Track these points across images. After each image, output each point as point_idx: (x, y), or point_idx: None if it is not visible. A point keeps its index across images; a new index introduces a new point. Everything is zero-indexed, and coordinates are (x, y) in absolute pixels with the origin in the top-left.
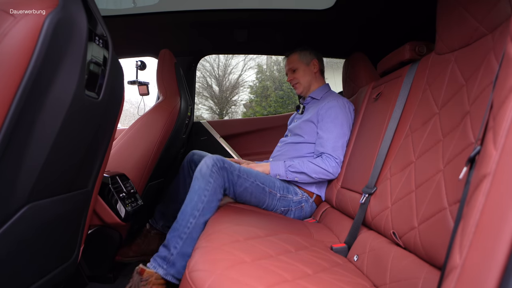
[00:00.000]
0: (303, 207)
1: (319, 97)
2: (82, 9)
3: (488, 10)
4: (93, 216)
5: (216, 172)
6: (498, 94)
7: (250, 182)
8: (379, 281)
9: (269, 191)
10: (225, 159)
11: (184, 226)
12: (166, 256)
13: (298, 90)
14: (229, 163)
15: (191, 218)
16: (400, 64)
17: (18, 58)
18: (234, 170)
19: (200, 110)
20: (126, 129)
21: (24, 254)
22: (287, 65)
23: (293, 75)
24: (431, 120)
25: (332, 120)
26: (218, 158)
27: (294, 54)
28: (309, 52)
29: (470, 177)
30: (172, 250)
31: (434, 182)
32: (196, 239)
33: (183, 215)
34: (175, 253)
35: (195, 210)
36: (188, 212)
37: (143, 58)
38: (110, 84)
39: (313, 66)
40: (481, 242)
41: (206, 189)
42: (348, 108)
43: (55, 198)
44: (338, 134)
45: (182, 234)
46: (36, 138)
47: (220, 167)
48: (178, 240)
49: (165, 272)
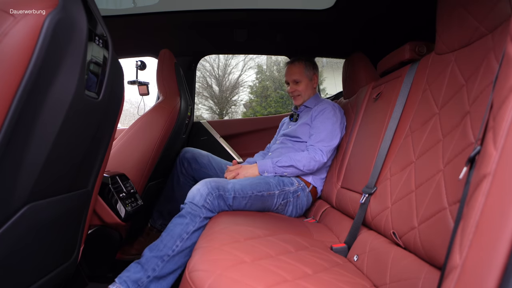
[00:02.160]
0: (299, 196)
1: (312, 106)
2: (82, 9)
3: (488, 10)
4: (93, 216)
5: (211, 202)
6: (498, 94)
7: (247, 198)
8: (379, 281)
9: (268, 194)
10: (219, 185)
11: (169, 248)
12: (141, 279)
13: (298, 102)
14: (222, 188)
15: (178, 241)
16: (400, 64)
17: (18, 58)
18: (229, 195)
19: (200, 110)
20: (126, 129)
21: (24, 254)
22: (291, 74)
23: (296, 87)
24: (431, 120)
25: (322, 120)
26: (213, 187)
27: (300, 64)
28: (312, 65)
29: (470, 177)
30: (149, 272)
31: (434, 182)
32: (178, 263)
33: (170, 237)
34: (152, 276)
35: (184, 233)
36: (176, 234)
37: (143, 58)
38: (110, 84)
39: (314, 81)
40: (481, 242)
41: (195, 221)
42: (338, 110)
43: (55, 198)
44: (328, 132)
45: (165, 256)
46: (36, 138)
47: (215, 196)
48: (158, 262)
49: None
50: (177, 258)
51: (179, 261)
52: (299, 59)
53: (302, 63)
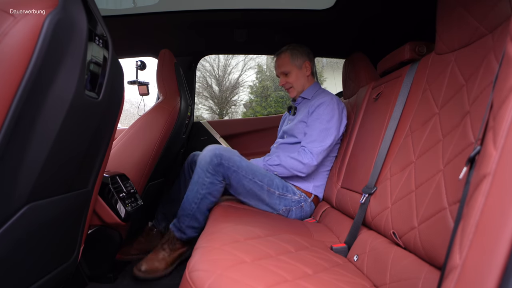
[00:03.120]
0: (303, 207)
1: (309, 97)
2: (82, 9)
3: (488, 10)
4: (93, 216)
5: (213, 168)
6: (498, 94)
7: (248, 180)
8: (379, 281)
9: (268, 189)
10: (223, 154)
11: (188, 209)
12: (176, 225)
13: (292, 94)
14: (227, 158)
15: (193, 203)
16: (400, 64)
17: (18, 58)
18: (232, 166)
19: (200, 110)
20: (126, 129)
21: (24, 254)
22: (278, 68)
23: (286, 79)
24: (431, 120)
25: (317, 117)
26: (217, 154)
27: (285, 54)
28: (300, 52)
29: (470, 177)
30: (180, 224)
31: (434, 182)
32: (198, 218)
33: (187, 201)
34: (184, 226)
35: (196, 199)
36: (190, 199)
37: (143, 58)
38: (110, 84)
39: (305, 69)
40: (481, 242)
41: (203, 183)
42: (336, 104)
43: (55, 198)
44: (321, 130)
45: (189, 212)
46: (36, 138)
47: (217, 163)
48: (185, 218)
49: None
50: (197, 215)
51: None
52: (285, 50)
53: (287, 53)
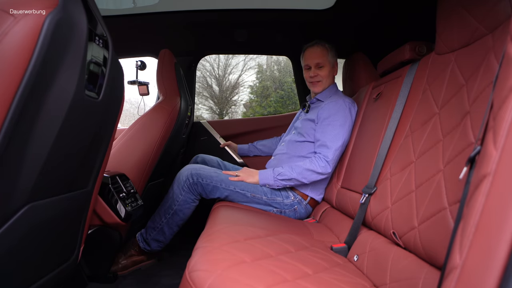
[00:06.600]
0: (297, 209)
1: (324, 99)
2: (82, 9)
3: (488, 10)
4: (93, 216)
5: (188, 187)
6: (498, 94)
7: (229, 191)
8: (379, 281)
9: (252, 195)
10: (200, 173)
11: (158, 222)
12: (143, 235)
13: (317, 89)
14: (204, 176)
15: (163, 217)
16: (400, 64)
17: (18, 58)
18: (210, 182)
19: (200, 110)
20: (126, 129)
21: (24, 254)
22: (314, 58)
23: (318, 72)
24: (431, 120)
25: (329, 122)
26: (193, 174)
27: (325, 47)
28: (335, 53)
29: (470, 177)
30: (147, 235)
31: (434, 182)
32: (165, 233)
33: (157, 214)
34: (150, 238)
35: (167, 214)
36: (161, 213)
37: (143, 58)
38: (110, 84)
39: (334, 70)
40: (481, 242)
41: (177, 200)
42: (349, 109)
43: (55, 198)
44: (334, 135)
45: (157, 225)
46: (36, 138)
47: (192, 182)
48: (152, 231)
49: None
50: (165, 229)
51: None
52: (323, 44)
53: (327, 47)
